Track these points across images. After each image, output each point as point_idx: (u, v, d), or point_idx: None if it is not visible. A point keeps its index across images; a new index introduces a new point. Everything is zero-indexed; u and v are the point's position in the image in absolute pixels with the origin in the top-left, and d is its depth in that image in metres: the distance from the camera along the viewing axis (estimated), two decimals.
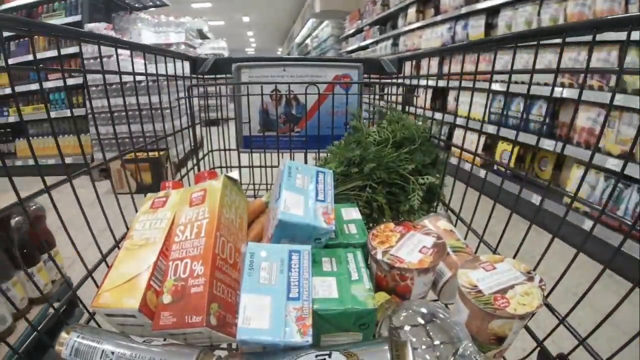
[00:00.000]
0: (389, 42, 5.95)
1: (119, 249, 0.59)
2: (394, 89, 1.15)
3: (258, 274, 0.49)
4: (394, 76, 1.25)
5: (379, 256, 0.57)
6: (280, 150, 1.14)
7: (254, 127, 1.16)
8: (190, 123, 1.12)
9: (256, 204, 0.76)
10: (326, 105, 1.10)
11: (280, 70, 1.11)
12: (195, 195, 0.62)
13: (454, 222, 0.85)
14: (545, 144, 2.57)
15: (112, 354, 0.44)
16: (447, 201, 0.90)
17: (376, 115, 1.14)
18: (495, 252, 0.71)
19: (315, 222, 0.57)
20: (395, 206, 0.81)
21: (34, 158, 0.54)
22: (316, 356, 0.41)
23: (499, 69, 0.74)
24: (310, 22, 11.36)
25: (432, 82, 3.57)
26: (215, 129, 1.26)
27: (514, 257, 0.58)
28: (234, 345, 0.64)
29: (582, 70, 0.54)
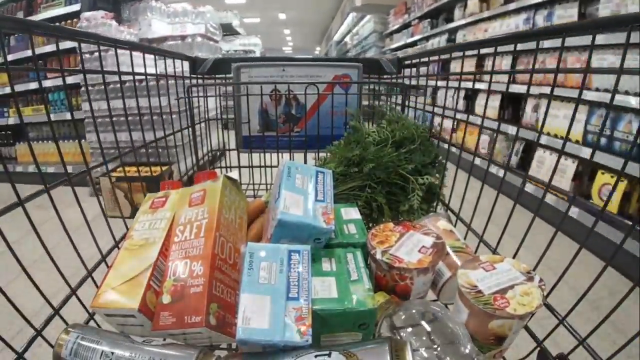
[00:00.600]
0: (442, 38, 5.11)
1: (118, 249, 0.59)
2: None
3: (257, 274, 0.49)
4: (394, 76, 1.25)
5: (379, 256, 0.57)
6: (279, 150, 1.14)
7: (253, 127, 1.16)
8: (190, 123, 1.12)
9: (256, 204, 0.76)
10: (326, 105, 1.10)
11: (280, 70, 1.11)
12: (194, 195, 0.62)
13: (454, 222, 0.85)
14: None
15: (112, 354, 0.44)
16: (447, 201, 0.90)
17: (375, 116, 1.14)
18: (495, 252, 0.71)
19: (314, 222, 0.57)
20: (395, 206, 0.81)
21: (35, 161, 0.54)
22: (316, 356, 0.41)
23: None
24: (350, 18, 10.58)
25: (500, 86, 3.17)
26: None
27: (514, 257, 0.58)
28: (234, 345, 0.64)
29: (583, 71, 0.54)
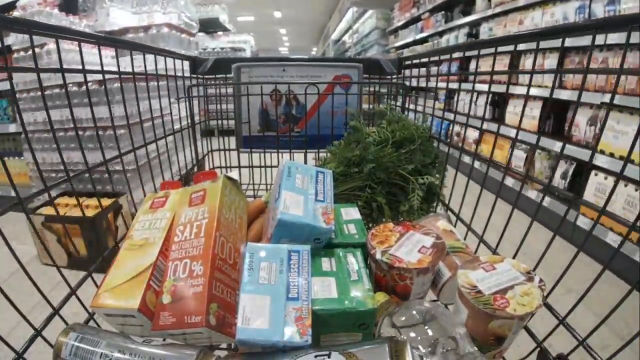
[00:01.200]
0: (461, 33, 4.38)
1: (118, 249, 0.59)
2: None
3: (257, 274, 0.49)
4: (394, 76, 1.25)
5: (378, 256, 0.57)
6: (280, 150, 1.14)
7: (253, 127, 1.16)
8: (190, 124, 1.12)
9: (256, 204, 0.76)
10: (326, 106, 1.10)
11: (280, 71, 1.11)
12: (194, 195, 0.62)
13: (454, 222, 0.85)
14: None
15: (112, 354, 0.44)
16: (447, 201, 0.90)
17: (376, 116, 1.14)
18: (495, 252, 0.71)
19: (314, 222, 0.57)
20: (395, 206, 0.81)
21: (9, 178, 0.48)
22: (315, 356, 0.41)
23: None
24: (350, 14, 9.86)
25: (541, 91, 2.77)
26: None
27: (514, 257, 0.58)
28: (234, 345, 0.64)
29: (583, 71, 0.54)
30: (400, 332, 0.47)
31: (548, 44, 2.53)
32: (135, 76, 0.83)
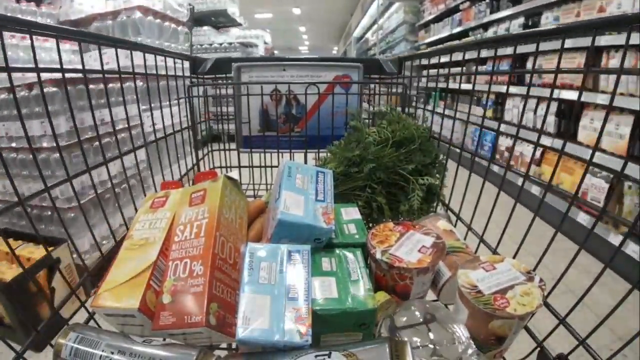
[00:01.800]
0: (514, 24, 3.55)
1: (118, 249, 0.59)
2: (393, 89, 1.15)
3: (257, 273, 0.49)
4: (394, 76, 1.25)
5: (378, 255, 0.57)
6: (280, 150, 1.14)
7: (253, 127, 1.16)
8: (190, 124, 1.12)
9: (256, 204, 0.76)
10: (326, 106, 1.10)
11: (280, 71, 1.12)
12: (195, 195, 0.62)
13: (454, 222, 0.85)
14: None
15: (112, 354, 0.44)
16: (447, 201, 0.90)
17: (376, 116, 1.14)
18: (495, 252, 0.71)
19: (315, 222, 0.57)
20: (395, 206, 0.81)
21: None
22: (315, 356, 0.41)
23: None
24: (374, 8, 9.05)
25: (630, 101, 2.02)
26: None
27: (514, 257, 0.58)
28: (234, 345, 0.64)
29: (583, 71, 0.54)
30: (401, 332, 0.47)
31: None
32: (136, 76, 0.83)
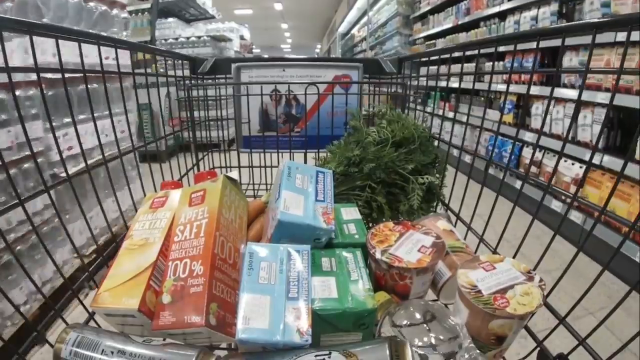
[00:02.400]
0: (544, 12, 2.81)
1: (118, 248, 0.59)
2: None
3: (257, 273, 0.49)
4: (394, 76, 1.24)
5: (378, 255, 0.57)
6: (280, 150, 1.14)
7: (253, 127, 1.16)
8: (190, 123, 1.12)
9: (256, 204, 0.76)
10: (326, 105, 1.10)
11: (280, 71, 1.12)
12: (194, 195, 0.62)
13: (454, 222, 0.85)
14: None
15: (112, 353, 0.44)
16: (447, 201, 0.90)
17: (376, 116, 1.14)
18: (495, 252, 0.71)
19: (314, 222, 0.57)
20: (395, 206, 0.81)
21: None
22: (315, 356, 0.41)
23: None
24: (362, 1, 8.39)
25: None
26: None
27: (514, 257, 0.58)
28: (234, 345, 0.64)
29: (582, 70, 0.54)
30: (401, 332, 0.47)
31: None
32: (135, 75, 0.83)
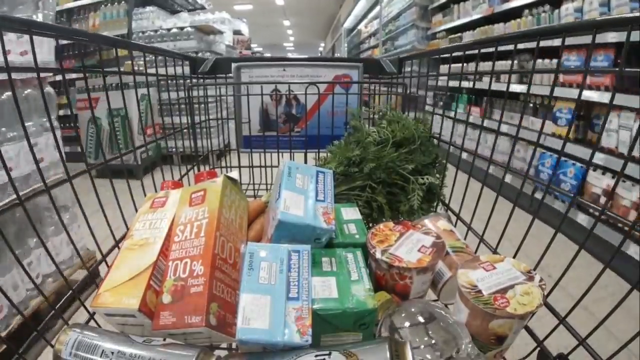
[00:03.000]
0: None
1: (118, 249, 0.59)
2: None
3: (257, 273, 0.49)
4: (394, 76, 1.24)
5: (378, 255, 0.57)
6: (280, 150, 1.14)
7: (253, 127, 1.16)
8: (190, 123, 1.12)
9: (256, 204, 0.76)
10: (326, 105, 1.10)
11: (280, 70, 1.11)
12: (195, 195, 0.62)
13: (454, 222, 0.85)
14: None
15: (112, 353, 0.44)
16: (447, 201, 0.90)
17: (376, 116, 1.14)
18: (495, 252, 0.71)
19: (315, 222, 0.57)
20: (395, 206, 0.81)
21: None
22: (316, 356, 0.41)
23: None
24: None
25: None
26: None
27: (514, 257, 0.58)
28: (234, 345, 0.64)
29: (582, 70, 0.54)
30: (401, 332, 0.47)
31: None
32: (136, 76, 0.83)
